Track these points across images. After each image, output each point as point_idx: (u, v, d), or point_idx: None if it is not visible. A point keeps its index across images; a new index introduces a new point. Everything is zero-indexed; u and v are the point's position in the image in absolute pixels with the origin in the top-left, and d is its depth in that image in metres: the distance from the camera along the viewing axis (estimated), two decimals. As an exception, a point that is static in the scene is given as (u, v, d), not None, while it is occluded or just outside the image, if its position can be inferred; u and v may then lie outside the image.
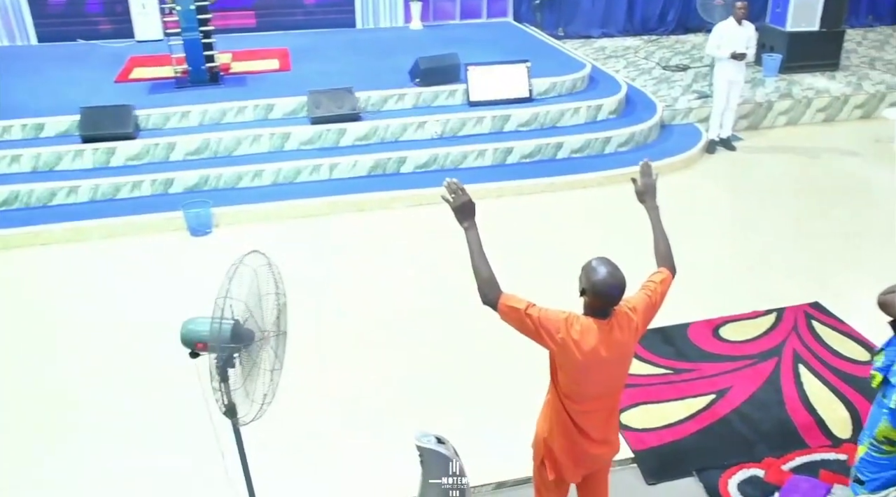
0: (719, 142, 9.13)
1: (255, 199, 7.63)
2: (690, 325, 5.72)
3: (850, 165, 8.82)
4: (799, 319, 5.80)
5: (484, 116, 8.70)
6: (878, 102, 10.28)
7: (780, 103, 9.97)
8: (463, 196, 3.09)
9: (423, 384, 5.15)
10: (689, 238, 7.04)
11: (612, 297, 2.94)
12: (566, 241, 6.91)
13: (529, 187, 8.00)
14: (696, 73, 10.91)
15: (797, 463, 4.45)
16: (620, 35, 13.13)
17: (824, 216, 7.58)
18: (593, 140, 8.67)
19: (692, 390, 5.05)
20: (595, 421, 3.19)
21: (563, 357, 2.99)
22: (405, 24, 12.33)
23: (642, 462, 4.48)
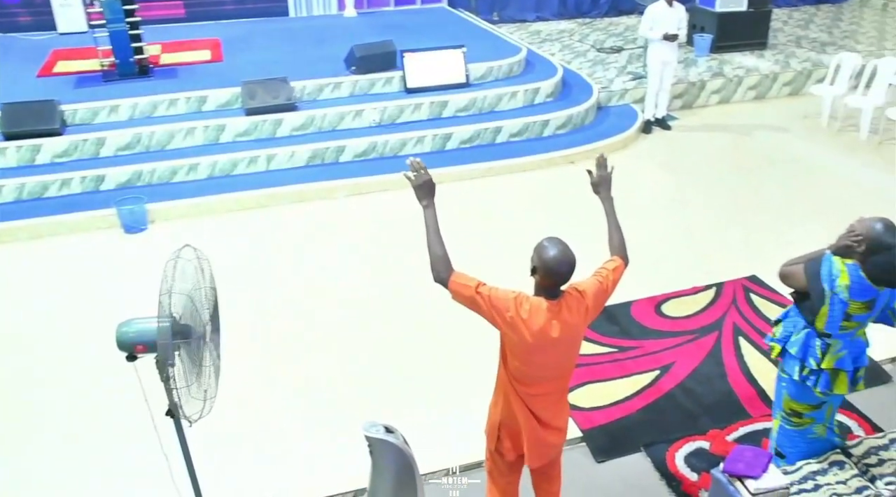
0: (655, 122, 9.26)
1: (192, 193, 7.44)
2: (633, 303, 5.79)
3: (781, 141, 9.04)
4: (737, 293, 5.93)
5: (422, 103, 8.65)
6: (805, 79, 10.55)
7: (713, 82, 10.16)
8: (424, 175, 3.16)
9: (371, 374, 5.11)
10: (629, 217, 7.04)
11: (562, 274, 2.97)
12: (507, 226, 6.93)
13: (469, 172, 8.00)
14: (630, 54, 11.03)
15: (741, 433, 4.55)
16: (555, 19, 13.20)
17: (758, 191, 7.76)
18: (531, 123, 8.70)
19: (637, 367, 5.12)
20: (546, 404, 3.21)
21: (512, 337, 3.01)
22: (339, 11, 12.16)
23: (591, 440, 4.52)
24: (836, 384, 3.51)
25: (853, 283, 3.31)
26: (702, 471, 4.22)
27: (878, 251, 3.25)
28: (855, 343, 3.52)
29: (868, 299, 3.34)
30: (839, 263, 3.35)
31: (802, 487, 3.53)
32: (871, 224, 3.30)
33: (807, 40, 12.09)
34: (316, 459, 4.40)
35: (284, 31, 11.08)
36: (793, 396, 3.66)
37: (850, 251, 3.33)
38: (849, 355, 3.49)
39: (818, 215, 7.07)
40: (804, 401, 3.64)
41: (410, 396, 4.88)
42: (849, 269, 3.32)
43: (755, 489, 3.29)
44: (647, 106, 9.21)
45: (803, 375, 3.54)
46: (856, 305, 3.35)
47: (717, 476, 3.49)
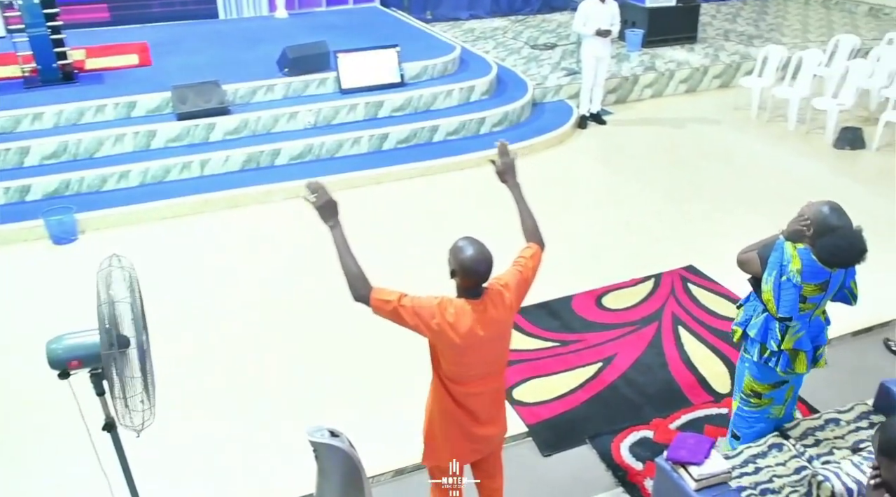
0: (590, 117, 9.35)
1: (123, 201, 7.22)
2: (574, 297, 5.83)
3: (713, 133, 9.23)
4: (675, 283, 6.02)
5: (357, 103, 8.57)
6: (734, 72, 10.79)
7: (645, 77, 10.31)
8: (324, 195, 3.05)
9: (314, 378, 5.03)
10: (567, 212, 7.19)
11: (480, 273, 2.95)
12: (448, 224, 6.91)
13: (407, 172, 7.95)
14: (564, 50, 11.13)
15: (683, 421, 4.62)
16: (488, 16, 13.24)
17: (692, 182, 7.90)
18: (468, 121, 8.69)
19: (580, 360, 5.15)
20: (483, 402, 3.20)
21: (441, 342, 2.98)
22: (270, 12, 11.97)
23: (537, 435, 4.53)
24: (797, 364, 3.61)
25: (805, 266, 3.39)
26: (646, 460, 4.27)
27: (827, 233, 3.34)
28: (814, 323, 3.61)
29: (821, 281, 3.42)
30: (791, 248, 3.43)
31: (744, 471, 3.58)
32: (819, 208, 3.40)
33: (735, 34, 12.38)
34: (261, 467, 4.31)
35: (214, 33, 10.86)
36: (755, 377, 3.75)
37: (800, 235, 3.42)
38: (807, 335, 3.59)
39: (751, 204, 7.23)
40: (766, 381, 3.73)
41: (355, 399, 4.82)
42: (800, 253, 3.40)
43: (698, 475, 3.32)
44: (581, 101, 9.29)
45: (765, 357, 3.64)
46: (809, 287, 3.43)
47: (661, 464, 3.53)
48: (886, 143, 8.61)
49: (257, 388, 4.94)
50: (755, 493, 3.45)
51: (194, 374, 5.03)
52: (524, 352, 5.20)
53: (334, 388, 4.93)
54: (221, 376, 5.07)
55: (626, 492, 4.15)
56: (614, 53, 10.43)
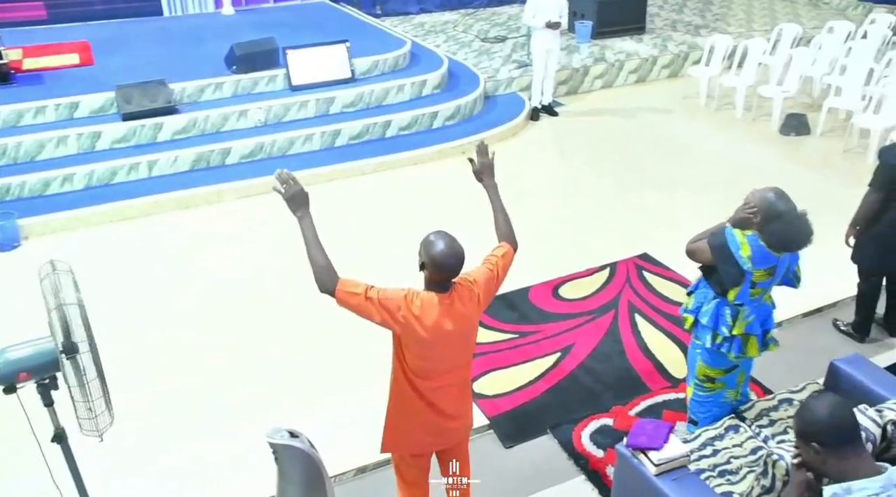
0: (542, 108, 9.38)
1: (68, 205, 7.03)
2: (531, 288, 5.84)
3: (664, 122, 9.34)
4: (630, 271, 6.07)
5: (308, 100, 8.47)
6: (682, 61, 10.93)
7: (595, 68, 10.38)
8: (294, 186, 3.02)
9: (270, 379, 4.96)
10: (522, 203, 7.19)
11: (451, 268, 2.94)
12: (402, 219, 6.87)
13: (361, 168, 7.89)
14: (515, 43, 11.15)
15: (642, 407, 4.65)
16: (438, 10, 13.21)
17: (644, 171, 7.98)
18: (420, 116, 8.66)
19: (538, 351, 5.16)
20: (449, 396, 3.19)
21: (407, 335, 2.96)
22: (216, 9, 11.77)
23: (498, 427, 4.53)
24: (748, 348, 3.67)
25: (754, 252, 3.44)
26: (607, 447, 4.29)
27: (773, 219, 3.40)
28: (762, 307, 3.68)
29: (770, 266, 3.49)
30: (739, 235, 3.48)
31: (702, 454, 3.62)
32: (764, 194, 3.45)
33: (682, 24, 12.54)
34: (219, 471, 4.23)
35: (159, 31, 10.64)
36: (707, 363, 3.79)
37: (747, 222, 3.47)
38: (756, 320, 3.65)
39: (702, 190, 7.33)
40: (718, 366, 3.78)
41: (313, 398, 4.76)
42: (749, 239, 3.45)
43: (658, 460, 3.35)
44: (533, 93, 9.32)
45: (717, 343, 3.69)
46: (759, 273, 3.49)
47: (621, 451, 3.55)
48: (830, 128, 8.79)
49: (213, 391, 4.85)
50: (714, 474, 3.49)
51: (147, 378, 4.92)
52: (483, 344, 5.19)
53: (293, 389, 4.87)
54: (176, 380, 4.97)
55: (589, 480, 4.17)
56: (564, 45, 10.50)
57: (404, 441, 3.28)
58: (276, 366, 5.09)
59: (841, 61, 9.33)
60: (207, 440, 4.45)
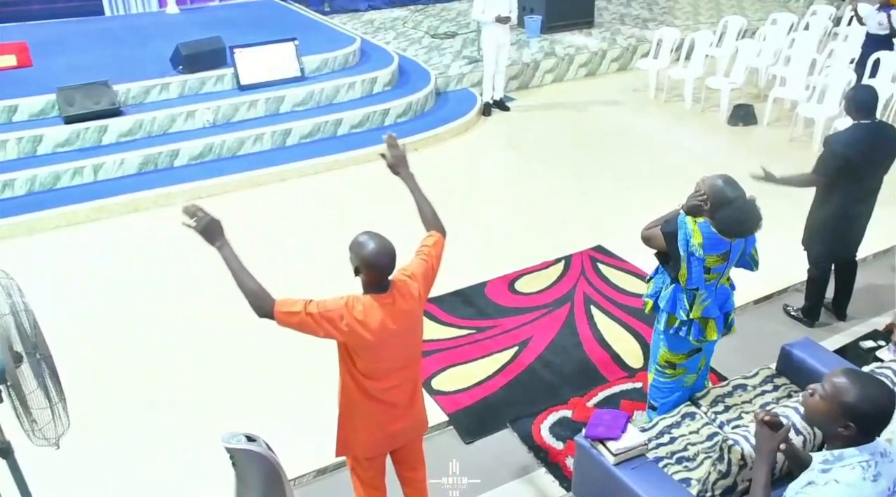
0: (494, 104, 9.39)
1: (9, 211, 6.81)
2: (487, 283, 5.84)
3: (614, 114, 9.41)
4: (585, 263, 6.10)
5: (257, 99, 8.34)
6: (631, 55, 11.03)
7: (546, 62, 10.42)
8: (205, 217, 2.96)
9: (223, 383, 4.87)
10: (476, 199, 7.21)
11: (384, 266, 2.93)
12: (356, 218, 6.77)
13: (313, 167, 7.80)
14: (465, 39, 11.14)
15: (600, 398, 4.68)
16: (387, 7, 13.12)
17: (597, 164, 8.03)
18: (372, 113, 8.60)
19: (496, 346, 5.16)
20: (402, 395, 3.18)
21: (354, 342, 2.93)
22: (160, 8, 11.53)
23: (457, 423, 4.52)
24: (707, 331, 3.72)
25: (706, 239, 3.50)
26: (567, 439, 4.30)
27: (724, 206, 3.46)
28: (720, 291, 3.73)
29: (723, 251, 3.54)
30: (691, 223, 3.53)
31: (659, 441, 3.66)
32: (713, 182, 3.52)
33: (630, 17, 12.65)
34: (175, 479, 4.14)
35: (101, 31, 10.35)
36: (669, 348, 3.84)
37: (698, 210, 3.52)
38: (714, 303, 3.70)
39: (654, 181, 7.40)
40: (679, 351, 3.82)
41: (269, 401, 4.70)
42: (700, 226, 3.51)
43: (616, 449, 3.37)
44: (484, 89, 9.32)
45: (676, 327, 3.73)
46: (712, 259, 3.54)
47: (580, 442, 3.57)
48: (776, 118, 8.96)
49: (168, 399, 4.75)
50: (671, 461, 3.52)
51: (99, 388, 4.79)
52: (441, 341, 5.18)
53: (246, 393, 4.79)
54: (128, 388, 4.85)
55: (549, 472, 4.18)
56: (514, 40, 10.51)
57: (358, 444, 3.26)
58: (232, 371, 5.00)
59: (785, 52, 9.52)
60: (164, 449, 4.36)
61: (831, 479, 2.27)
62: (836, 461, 2.30)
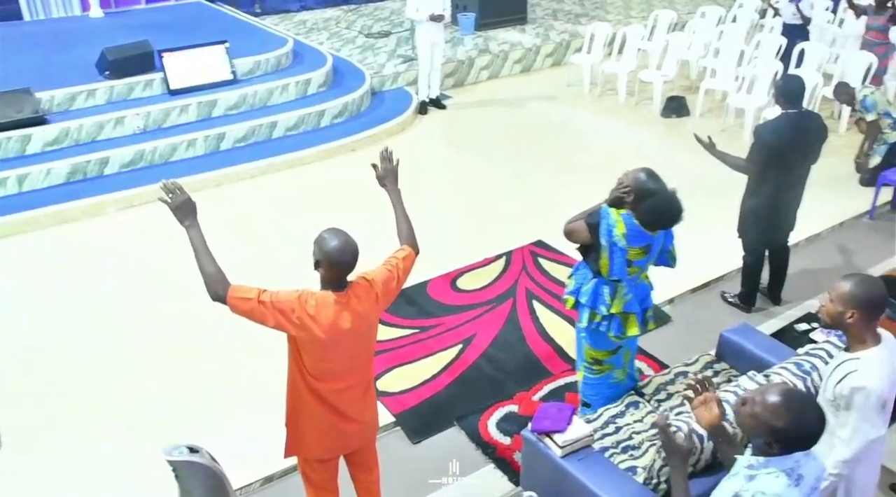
0: (430, 102, 9.36)
1: (-70, 225, 6.55)
2: (429, 282, 5.81)
3: (550, 110, 9.48)
4: (526, 259, 6.12)
5: (188, 104, 8.16)
6: (565, 50, 11.13)
7: (481, 59, 10.45)
8: (181, 195, 3.01)
9: (163, 395, 4.74)
10: (415, 198, 7.07)
11: (346, 264, 2.91)
12: (293, 221, 6.71)
13: (248, 171, 7.66)
14: (399, 37, 11.09)
15: (545, 391, 4.70)
16: (319, 7, 12.96)
17: (534, 159, 8.08)
18: (307, 115, 8.49)
19: (440, 344, 5.14)
20: (352, 398, 3.14)
21: (303, 336, 2.90)
22: (83, 12, 11.16)
23: (404, 423, 4.49)
24: (628, 327, 3.75)
25: (629, 230, 3.53)
26: (513, 434, 4.31)
27: (645, 198, 3.50)
28: (639, 286, 3.77)
29: (644, 244, 3.57)
30: (614, 214, 3.56)
31: (605, 432, 3.68)
32: (636, 174, 3.56)
33: (562, 13, 12.77)
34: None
35: (20, 36, 9.94)
36: (592, 345, 3.86)
37: (621, 202, 3.56)
38: (635, 298, 3.73)
39: (590, 174, 7.43)
40: (602, 348, 3.85)
41: (210, 411, 4.59)
42: (623, 218, 3.54)
43: (562, 442, 3.39)
44: (420, 87, 9.29)
45: (596, 322, 3.75)
46: (634, 251, 3.57)
47: (527, 436, 3.57)
48: (708, 109, 9.15)
49: (99, 415, 4.60)
50: (617, 451, 3.54)
51: (34, 402, 4.63)
52: (384, 342, 5.13)
53: (185, 403, 4.67)
54: (64, 402, 4.69)
55: (498, 467, 4.18)
56: (448, 38, 10.51)
57: (307, 446, 3.21)
58: (171, 381, 4.87)
59: (714, 45, 9.72)
60: (103, 466, 4.22)
61: (757, 491, 2.28)
62: (762, 467, 2.32)
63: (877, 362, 2.72)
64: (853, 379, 2.72)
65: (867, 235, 6.60)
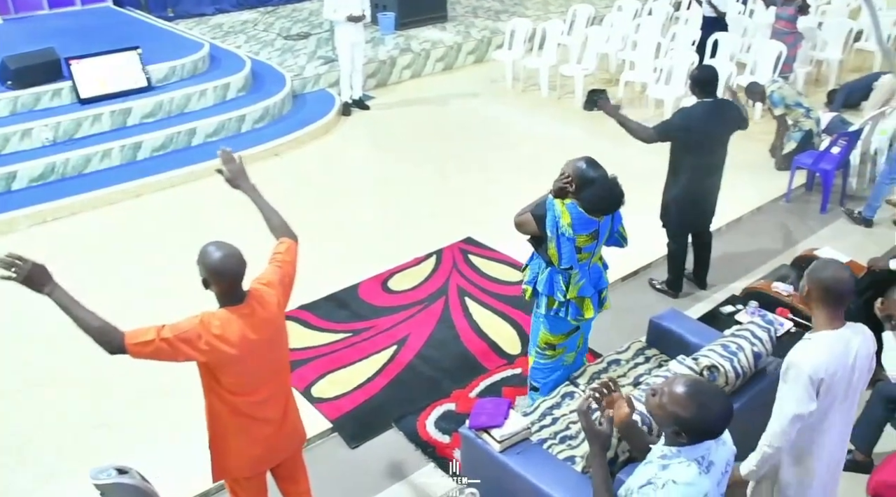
0: (353, 103, 9.26)
1: None
2: (360, 284, 5.74)
3: (474, 106, 9.49)
4: (456, 256, 6.10)
5: (101, 113, 7.85)
6: (486, 46, 11.17)
7: (402, 58, 10.39)
8: (24, 264, 2.69)
9: (86, 419, 4.56)
10: (343, 200, 7.07)
11: (234, 270, 2.82)
12: (219, 229, 6.48)
13: (169, 181, 7.42)
14: (319, 39, 10.94)
15: (482, 387, 4.69)
16: (235, 10, 12.67)
17: (460, 156, 8.07)
18: (227, 121, 8.28)
19: (374, 347, 5.07)
20: (274, 408, 3.07)
21: (216, 359, 2.81)
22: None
23: (341, 428, 4.42)
24: (584, 310, 3.84)
25: (574, 219, 3.61)
26: (452, 432, 4.29)
27: (587, 185, 3.61)
28: (593, 270, 3.85)
29: (592, 230, 3.66)
30: (560, 205, 3.63)
31: (542, 424, 3.68)
32: (576, 163, 3.66)
33: (482, 10, 12.82)
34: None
35: None
36: (549, 330, 3.94)
37: (565, 192, 3.64)
38: (589, 282, 3.82)
39: (517, 170, 7.51)
40: (559, 332, 3.93)
41: (134, 431, 4.43)
42: (568, 207, 3.62)
43: (500, 437, 3.37)
44: (342, 88, 9.18)
45: (555, 309, 3.83)
46: (582, 238, 3.65)
47: (465, 433, 3.55)
48: (629, 100, 9.30)
49: (19, 444, 4.38)
50: (555, 441, 3.55)
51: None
52: (317, 348, 5.04)
53: (110, 424, 4.50)
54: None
55: (438, 466, 4.16)
56: (369, 37, 10.44)
57: (235, 465, 3.12)
58: (92, 404, 4.68)
59: (632, 37, 9.91)
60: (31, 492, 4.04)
61: (669, 480, 2.31)
62: (674, 457, 2.36)
63: (824, 345, 2.77)
64: (792, 355, 2.80)
65: (785, 218, 6.81)
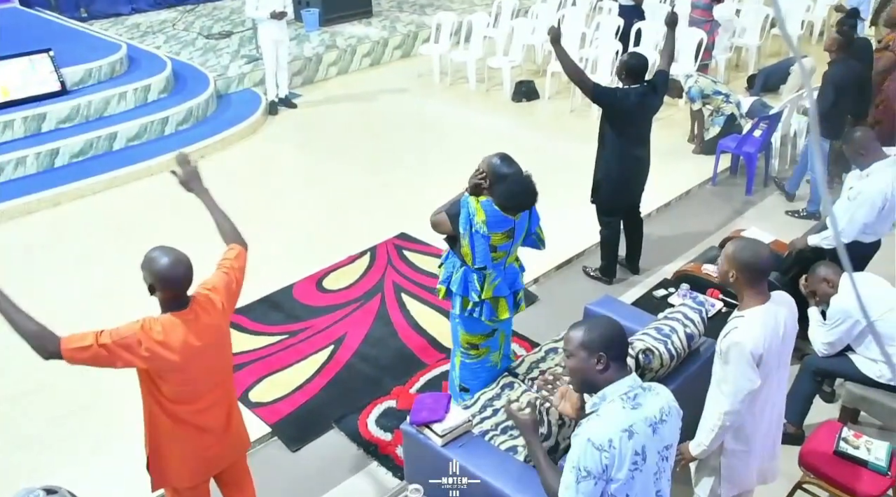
0: (279, 102, 9.11)
1: None
2: (294, 285, 5.65)
3: (403, 101, 9.45)
4: (391, 252, 6.06)
5: (13, 119, 7.51)
6: (413, 41, 11.13)
7: (328, 55, 10.27)
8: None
9: (14, 435, 4.38)
10: (273, 201, 6.96)
11: (181, 277, 2.77)
12: (146, 236, 6.32)
13: (90, 187, 7.15)
14: (241, 37, 10.71)
15: (422, 383, 4.68)
16: (153, 9, 12.30)
17: (391, 151, 8.02)
18: (149, 124, 8.04)
19: (311, 348, 5.00)
20: (217, 416, 3.01)
21: (157, 366, 2.73)
22: None
23: (281, 432, 4.36)
24: (499, 310, 3.79)
25: (489, 216, 3.55)
26: (394, 429, 4.26)
27: (501, 181, 3.55)
28: (508, 270, 3.80)
29: (507, 229, 3.60)
30: (474, 203, 3.57)
31: (483, 416, 3.68)
32: (490, 159, 3.62)
33: (407, 4, 12.76)
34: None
35: None
36: (466, 330, 3.89)
37: (480, 189, 3.60)
38: (504, 282, 3.77)
39: (447, 163, 7.47)
40: (477, 332, 3.88)
41: (61, 448, 4.29)
42: (483, 205, 3.56)
43: (442, 431, 3.36)
44: (268, 87, 9.02)
45: (469, 309, 3.78)
46: (497, 237, 3.59)
47: (406, 430, 3.53)
48: (556, 91, 9.38)
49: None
50: (497, 433, 3.55)
51: None
52: (252, 351, 4.95)
53: (40, 440, 4.33)
54: None
55: (381, 464, 4.14)
56: (293, 35, 10.29)
57: (176, 474, 3.03)
58: (17, 420, 4.50)
59: (556, 28, 9.96)
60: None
61: (594, 416, 2.42)
62: (601, 401, 2.45)
63: (758, 321, 2.88)
64: (731, 335, 2.89)
65: (711, 201, 6.97)
